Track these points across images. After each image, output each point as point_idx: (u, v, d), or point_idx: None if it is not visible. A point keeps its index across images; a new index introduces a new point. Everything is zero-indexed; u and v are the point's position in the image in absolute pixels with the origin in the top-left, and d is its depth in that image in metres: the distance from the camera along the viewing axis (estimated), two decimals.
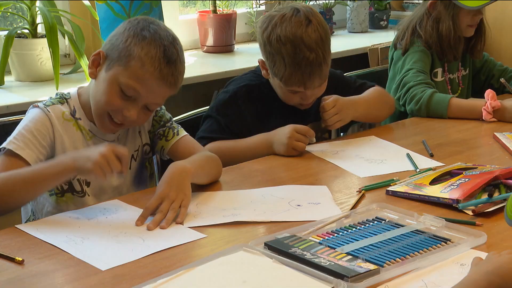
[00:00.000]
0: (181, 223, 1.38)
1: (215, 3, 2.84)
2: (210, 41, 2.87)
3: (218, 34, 2.85)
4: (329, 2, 3.22)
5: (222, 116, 1.87)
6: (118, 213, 1.43)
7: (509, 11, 3.12)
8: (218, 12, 2.87)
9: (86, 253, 1.25)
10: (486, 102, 2.07)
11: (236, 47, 2.97)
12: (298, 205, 1.49)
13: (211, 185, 1.61)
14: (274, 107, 1.91)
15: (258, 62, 1.90)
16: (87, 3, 2.41)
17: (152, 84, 1.50)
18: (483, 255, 1.16)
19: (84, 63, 2.33)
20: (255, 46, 3.06)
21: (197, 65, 2.74)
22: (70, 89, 1.66)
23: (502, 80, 2.19)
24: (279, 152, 1.80)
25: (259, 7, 3.13)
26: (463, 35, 2.29)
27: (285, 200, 1.51)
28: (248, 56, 2.88)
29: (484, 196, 1.43)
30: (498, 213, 1.39)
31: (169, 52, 1.50)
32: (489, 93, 2.08)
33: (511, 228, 1.32)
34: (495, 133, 1.92)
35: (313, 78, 1.80)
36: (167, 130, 1.67)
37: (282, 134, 1.79)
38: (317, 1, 3.20)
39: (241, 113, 1.87)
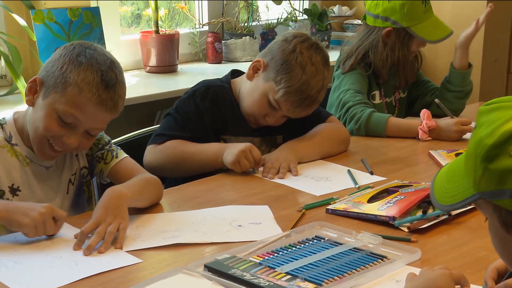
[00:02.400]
0: (120, 248, 1.36)
1: (157, 24, 2.84)
2: (153, 61, 2.86)
3: (161, 54, 2.84)
4: (271, 22, 3.27)
5: (179, 114, 1.89)
6: (60, 235, 1.41)
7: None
8: (161, 33, 2.86)
9: (14, 279, 1.22)
10: (422, 122, 2.14)
11: (180, 67, 2.97)
12: (239, 226, 1.50)
13: (152, 207, 1.59)
14: (229, 111, 1.93)
15: (255, 61, 1.90)
16: (23, 23, 2.36)
17: (91, 110, 1.48)
18: (417, 271, 1.19)
19: (21, 84, 2.28)
20: (199, 66, 3.10)
21: (140, 85, 2.73)
22: (5, 114, 1.62)
23: (436, 100, 2.27)
24: (225, 160, 1.81)
25: (202, 27, 3.15)
26: None
27: (227, 221, 1.52)
28: (191, 76, 2.88)
29: (419, 213, 1.47)
30: (432, 229, 1.43)
31: (107, 76, 1.48)
32: (424, 113, 2.15)
33: (444, 244, 1.37)
34: (430, 151, 1.98)
35: (303, 111, 1.88)
36: (106, 152, 1.65)
37: (237, 146, 1.81)
38: (260, 22, 3.24)
39: (198, 110, 1.89)
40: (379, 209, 1.51)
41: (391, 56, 2.30)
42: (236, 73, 2.03)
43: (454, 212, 1.49)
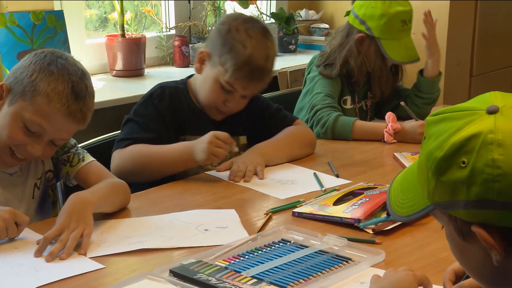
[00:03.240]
0: (84, 254, 1.34)
1: (123, 27, 2.82)
2: (119, 65, 2.84)
3: (127, 58, 2.82)
4: None
5: (140, 117, 1.88)
6: (22, 242, 1.38)
7: (416, 41, 3.30)
8: (127, 36, 2.84)
9: None
10: (388, 125, 2.16)
11: (147, 71, 2.95)
12: (205, 230, 1.49)
13: (117, 212, 1.58)
14: (187, 111, 1.92)
15: (199, 53, 1.91)
16: None
17: (58, 121, 1.46)
18: (381, 272, 1.20)
19: None
20: (166, 70, 3.08)
21: (106, 89, 2.70)
22: None
23: (402, 103, 2.29)
24: (200, 160, 1.77)
25: (169, 31, 3.14)
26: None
27: (193, 225, 1.51)
28: (158, 80, 2.84)
29: (383, 215, 1.49)
30: (396, 231, 1.45)
31: (77, 88, 1.46)
32: (390, 115, 2.18)
33: (408, 245, 1.39)
34: (395, 153, 2.00)
35: (257, 84, 1.89)
36: (72, 155, 1.63)
37: (202, 140, 1.77)
38: None
39: (158, 112, 1.88)
40: (344, 211, 1.52)
41: (366, 64, 2.32)
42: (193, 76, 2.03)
43: None
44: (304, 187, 1.77)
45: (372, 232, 1.45)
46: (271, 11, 3.54)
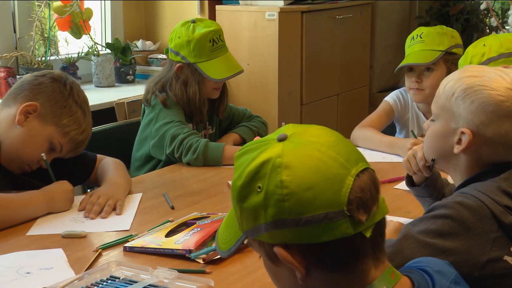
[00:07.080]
0: None
1: None
2: None
3: None
4: (72, 57, 3.16)
5: None
6: None
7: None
8: None
9: None
10: None
11: None
12: (27, 273, 1.39)
13: None
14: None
15: (26, 105, 1.77)
16: None
17: None
18: None
19: None
20: None
21: None
22: None
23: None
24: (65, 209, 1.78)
25: None
26: (209, 98, 2.37)
27: (13, 269, 1.41)
28: None
29: (213, 244, 1.49)
30: (226, 259, 1.46)
31: None
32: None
33: (237, 272, 1.41)
34: (228, 181, 2.04)
35: (81, 147, 1.90)
36: None
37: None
38: (59, 56, 3.12)
39: None
40: (176, 243, 1.50)
41: (185, 90, 2.31)
42: None
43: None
44: (136, 219, 1.73)
45: (203, 262, 1.44)
46: (106, 42, 3.47)
